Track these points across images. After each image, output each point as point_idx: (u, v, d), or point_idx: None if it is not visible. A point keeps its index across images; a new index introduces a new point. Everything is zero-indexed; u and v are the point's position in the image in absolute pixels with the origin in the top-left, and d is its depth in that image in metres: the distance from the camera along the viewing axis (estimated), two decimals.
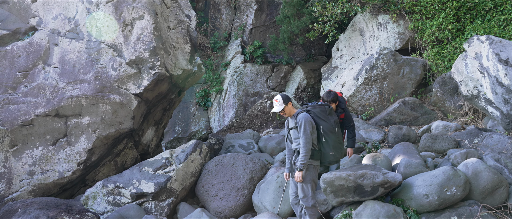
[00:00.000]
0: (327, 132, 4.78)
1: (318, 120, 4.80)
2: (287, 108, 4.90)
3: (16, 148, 6.56)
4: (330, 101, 5.50)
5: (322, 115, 4.84)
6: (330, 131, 4.79)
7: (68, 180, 6.62)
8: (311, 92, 12.27)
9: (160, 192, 6.23)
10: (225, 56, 13.02)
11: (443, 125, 7.39)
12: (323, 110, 4.87)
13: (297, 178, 4.72)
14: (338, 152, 4.86)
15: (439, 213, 4.84)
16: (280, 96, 4.94)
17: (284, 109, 4.91)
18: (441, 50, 9.20)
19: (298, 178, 4.71)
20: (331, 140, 4.78)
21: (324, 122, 4.80)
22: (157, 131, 8.45)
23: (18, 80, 6.90)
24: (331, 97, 5.53)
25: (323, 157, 4.82)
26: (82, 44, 7.02)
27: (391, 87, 9.03)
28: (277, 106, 4.91)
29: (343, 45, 11.36)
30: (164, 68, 6.96)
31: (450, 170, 4.85)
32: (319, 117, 4.81)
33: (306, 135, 4.66)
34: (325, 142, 4.77)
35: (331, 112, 4.93)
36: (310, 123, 4.71)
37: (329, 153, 4.79)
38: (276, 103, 4.93)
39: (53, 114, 6.66)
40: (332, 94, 5.57)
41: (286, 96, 4.96)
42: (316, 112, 4.84)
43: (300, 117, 4.74)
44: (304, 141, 4.66)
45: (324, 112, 4.87)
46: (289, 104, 4.90)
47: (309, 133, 4.67)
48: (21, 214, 5.14)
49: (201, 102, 12.60)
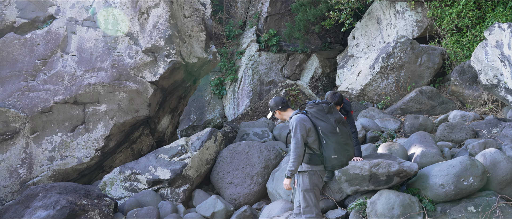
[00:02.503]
0: (326, 133, 4.26)
1: (316, 120, 4.31)
2: (278, 114, 4.52)
3: (36, 135, 6.72)
4: (335, 103, 5.08)
5: (320, 114, 4.32)
6: (330, 132, 4.26)
7: (86, 166, 6.77)
8: (326, 81, 12.19)
9: (175, 178, 6.32)
10: (240, 44, 13.01)
11: (461, 114, 7.28)
12: (320, 109, 4.34)
13: (284, 186, 4.33)
14: (342, 155, 4.29)
15: (456, 203, 4.79)
16: (270, 102, 4.58)
17: (273, 115, 4.58)
18: (460, 38, 9.01)
19: (285, 186, 4.31)
20: (332, 141, 4.26)
21: (323, 122, 4.29)
22: (173, 118, 8.53)
23: (37, 68, 7.03)
24: (336, 99, 5.13)
25: (325, 162, 4.32)
26: (99, 33, 7.09)
27: (408, 76, 8.90)
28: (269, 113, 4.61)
29: (359, 33, 11.21)
30: (179, 56, 6.99)
31: (467, 160, 4.79)
32: (316, 117, 4.31)
33: (296, 139, 4.20)
34: (325, 144, 4.27)
35: (330, 110, 4.38)
36: (303, 126, 4.23)
37: (331, 156, 4.26)
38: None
39: (72, 101, 6.78)
40: (337, 95, 5.17)
41: (276, 102, 4.53)
42: (313, 112, 4.34)
43: (291, 120, 4.32)
44: (293, 146, 4.21)
45: (322, 111, 4.33)
46: (278, 112, 4.50)
47: (300, 136, 4.20)
48: (42, 198, 5.29)
49: (216, 90, 12.65)
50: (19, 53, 7.09)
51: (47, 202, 5.20)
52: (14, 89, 6.85)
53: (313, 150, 4.31)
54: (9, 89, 6.85)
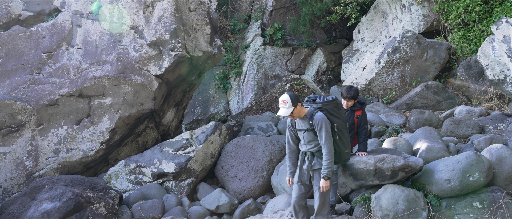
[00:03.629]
0: (341, 129, 4.36)
1: (332, 118, 4.34)
2: (296, 110, 4.33)
3: (42, 127, 6.76)
4: (350, 98, 4.98)
5: (335, 111, 4.37)
6: (343, 128, 4.39)
7: (91, 158, 6.80)
8: (331, 76, 12.15)
9: (180, 172, 6.34)
10: (244, 38, 12.97)
11: (466, 110, 7.23)
12: (335, 105, 4.39)
13: (324, 188, 4.24)
14: (349, 149, 4.53)
15: (461, 198, 4.77)
16: (289, 96, 4.30)
17: (293, 112, 4.31)
18: (467, 33, 8.93)
19: (325, 188, 4.24)
20: (344, 137, 4.40)
21: (338, 119, 4.37)
22: (178, 112, 8.55)
23: (43, 61, 7.05)
24: (352, 93, 4.99)
25: (338, 157, 4.42)
26: (104, 25, 7.09)
27: (413, 71, 8.85)
28: (285, 109, 4.29)
29: (365, 27, 11.15)
30: (184, 50, 6.99)
31: (473, 155, 4.77)
32: (332, 115, 4.35)
33: (330, 137, 4.22)
34: (339, 140, 4.35)
35: (341, 106, 4.51)
36: (328, 123, 4.27)
37: (344, 151, 4.41)
38: (283, 105, 4.31)
39: (77, 94, 6.81)
40: (353, 89, 5.05)
41: (295, 96, 4.37)
42: (329, 109, 4.35)
43: (318, 118, 4.24)
44: (329, 146, 4.21)
45: (336, 107, 4.40)
46: (299, 106, 4.33)
47: (331, 134, 4.26)
48: (48, 190, 5.33)
49: (220, 84, 12.64)
50: (24, 46, 7.11)
51: (53, 194, 5.24)
52: (20, 81, 6.88)
53: None
54: (15, 82, 6.88)
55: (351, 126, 5.00)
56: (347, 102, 5.00)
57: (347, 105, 5.01)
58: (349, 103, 5.01)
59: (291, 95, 4.33)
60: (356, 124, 5.03)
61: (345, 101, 5.00)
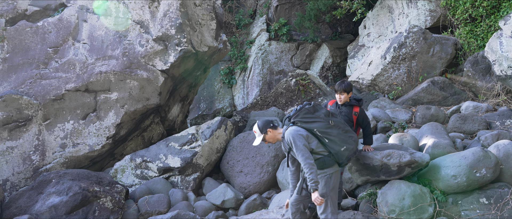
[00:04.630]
0: (324, 131, 4.13)
1: (308, 125, 4.13)
2: (269, 136, 4.24)
3: (49, 122, 6.80)
4: (342, 90, 4.84)
5: (308, 117, 4.15)
6: (326, 128, 4.13)
7: (97, 153, 6.84)
8: (337, 71, 12.10)
9: (186, 167, 6.36)
10: (250, 33, 12.95)
11: (473, 105, 7.18)
12: (305, 112, 4.16)
13: (316, 201, 4.03)
14: (349, 143, 4.20)
15: (467, 194, 4.75)
16: (257, 124, 4.26)
17: (264, 138, 4.24)
18: (474, 28, 8.85)
19: (318, 201, 4.03)
20: (333, 136, 4.13)
21: (315, 123, 4.13)
22: (183, 107, 8.56)
23: (49, 56, 7.08)
24: (343, 86, 4.85)
25: (338, 158, 4.18)
26: (110, 20, 7.10)
27: (419, 66, 8.79)
28: (257, 138, 4.26)
29: (371, 22, 11.08)
30: (190, 45, 6.99)
31: (480, 151, 4.74)
32: (306, 122, 4.13)
33: (301, 150, 4.00)
34: (329, 142, 4.12)
35: (315, 108, 4.22)
36: (299, 136, 4.04)
37: (340, 149, 4.13)
38: (255, 134, 4.29)
39: (83, 89, 6.83)
40: (345, 83, 4.89)
41: (264, 122, 4.25)
42: (300, 119, 4.15)
43: (287, 136, 4.10)
44: (301, 158, 4.01)
45: (308, 113, 4.16)
46: (270, 131, 4.21)
47: (303, 146, 4.01)
48: (55, 184, 5.37)
49: (225, 79, 12.64)
50: (31, 41, 7.14)
51: (60, 188, 5.28)
52: (27, 76, 6.91)
53: (320, 154, 4.15)
54: (21, 77, 6.92)
55: (350, 123, 4.87)
56: (340, 95, 4.86)
57: (341, 99, 4.87)
58: (341, 97, 4.85)
59: (259, 122, 4.26)
60: (354, 121, 4.92)
61: (338, 94, 4.87)
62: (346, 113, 4.89)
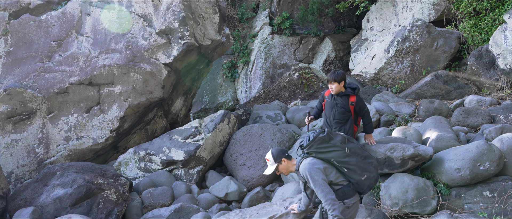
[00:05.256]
0: (342, 160, 3.82)
1: (324, 155, 3.84)
2: (282, 166, 3.99)
3: (53, 115, 6.82)
4: (333, 80, 4.65)
5: (323, 147, 3.84)
6: (344, 157, 3.83)
7: (101, 146, 6.86)
8: (340, 65, 12.08)
9: (189, 159, 6.38)
10: (252, 27, 12.92)
11: (477, 99, 7.17)
12: (320, 142, 3.85)
13: None
14: (370, 170, 3.89)
15: (471, 187, 4.76)
16: (271, 152, 4.01)
17: (278, 168, 4.00)
18: (478, 21, 8.81)
19: None
20: (352, 165, 3.83)
21: (331, 152, 3.83)
22: (186, 101, 8.57)
23: (52, 49, 7.09)
24: (334, 75, 4.65)
25: (359, 187, 3.89)
26: (113, 14, 7.10)
27: (423, 60, 8.77)
28: (269, 166, 4.02)
29: (374, 16, 11.04)
30: (193, 38, 6.98)
31: (484, 144, 4.74)
32: (322, 153, 3.84)
33: (320, 185, 3.71)
34: (348, 171, 3.83)
35: (330, 136, 3.89)
36: (317, 170, 3.76)
37: (361, 179, 3.83)
38: (267, 162, 4.05)
39: (87, 82, 6.85)
40: (336, 72, 4.66)
41: (279, 151, 4.00)
42: (314, 149, 3.86)
43: (302, 170, 3.83)
44: (322, 194, 3.70)
45: (323, 142, 3.84)
46: (284, 161, 3.97)
47: (321, 180, 3.71)
48: (60, 176, 5.40)
49: (228, 73, 12.64)
50: (34, 34, 7.14)
51: (64, 181, 5.31)
52: (31, 70, 6.93)
53: (340, 184, 3.85)
54: (25, 70, 6.93)
55: (347, 114, 4.76)
56: (331, 85, 4.72)
57: (332, 89, 4.72)
58: (332, 86, 4.71)
59: (274, 151, 4.01)
60: (352, 111, 4.78)
61: (329, 84, 4.72)
62: (342, 104, 4.75)
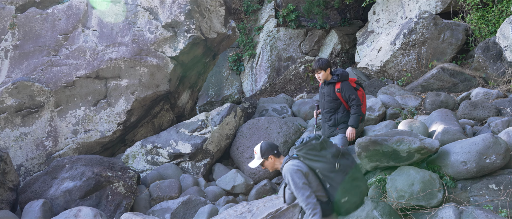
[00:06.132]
0: (327, 174, 3.57)
1: (311, 163, 3.60)
2: (268, 163, 3.76)
3: (61, 108, 6.89)
4: (318, 68, 4.52)
5: (313, 154, 3.61)
6: (330, 171, 3.58)
7: (109, 139, 6.93)
8: (346, 57, 12.05)
9: (196, 152, 6.43)
10: (258, 20, 12.89)
11: (483, 92, 7.14)
12: (311, 148, 3.61)
13: None
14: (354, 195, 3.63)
15: (477, 180, 4.76)
16: (260, 145, 3.78)
17: (263, 163, 3.76)
18: (485, 13, 8.74)
19: None
20: (336, 182, 3.56)
21: (319, 162, 3.59)
22: (192, 94, 8.61)
23: (59, 43, 7.13)
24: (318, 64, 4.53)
25: (336, 208, 3.60)
26: (119, 7, 7.12)
27: (429, 53, 8.73)
28: (255, 160, 3.80)
29: (380, 8, 10.97)
30: (199, 31, 6.99)
31: (490, 137, 4.73)
32: (310, 159, 3.61)
33: (301, 189, 3.45)
34: (330, 188, 3.56)
35: (323, 145, 3.66)
36: (298, 172, 3.51)
37: (341, 200, 3.56)
38: (255, 154, 3.85)
39: (94, 76, 6.89)
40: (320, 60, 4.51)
41: (268, 147, 3.76)
42: (303, 154, 3.63)
43: (284, 172, 3.59)
44: (301, 198, 3.45)
45: (313, 149, 3.61)
46: (271, 158, 3.73)
47: (303, 184, 3.47)
48: (69, 169, 5.47)
49: (233, 66, 12.65)
50: (41, 28, 7.19)
51: (73, 173, 5.39)
52: (38, 63, 6.98)
53: (319, 198, 3.56)
54: (33, 64, 6.99)
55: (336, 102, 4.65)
56: (317, 74, 4.64)
57: (320, 78, 4.65)
58: (319, 75, 4.62)
59: (263, 144, 3.79)
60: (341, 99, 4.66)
61: (316, 74, 4.65)
62: (328, 93, 4.65)
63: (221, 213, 4.82)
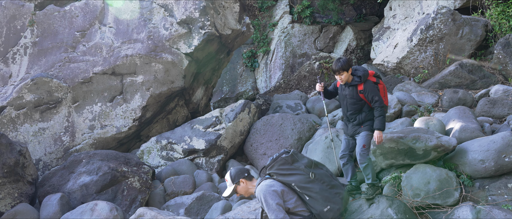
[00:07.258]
0: (303, 186, 3.50)
1: (285, 178, 3.53)
2: (240, 187, 3.66)
3: (78, 104, 7.00)
4: (338, 70, 4.29)
5: (284, 169, 3.54)
6: (306, 182, 3.50)
7: (124, 135, 7.02)
8: (361, 54, 11.93)
9: (210, 149, 6.46)
10: (272, 16, 12.85)
11: (503, 89, 6.98)
12: (282, 163, 3.56)
13: None
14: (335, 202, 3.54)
15: (495, 179, 4.67)
16: (229, 172, 3.72)
17: (236, 189, 3.66)
18: (506, 8, 8.53)
19: None
20: (315, 193, 3.49)
21: (293, 176, 3.52)
22: (207, 90, 8.64)
23: (76, 40, 7.24)
24: (339, 65, 4.29)
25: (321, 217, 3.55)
26: (134, 4, 7.18)
27: (447, 49, 8.57)
28: (228, 188, 3.71)
29: (397, 4, 10.81)
30: (214, 28, 7.01)
31: (510, 135, 4.63)
32: (283, 175, 3.54)
33: (274, 210, 3.35)
34: (310, 200, 3.49)
35: (294, 158, 3.61)
36: (273, 192, 3.43)
37: (323, 210, 3.49)
38: (226, 182, 3.77)
39: (110, 72, 6.98)
40: (341, 61, 4.30)
41: (238, 171, 3.68)
42: (275, 171, 3.56)
43: (256, 194, 3.51)
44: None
45: (285, 163, 3.56)
46: (243, 182, 3.64)
47: (276, 205, 3.37)
48: (86, 164, 5.56)
49: (248, 62, 12.65)
50: (59, 25, 7.31)
51: (90, 168, 5.47)
52: (56, 60, 7.11)
53: (299, 214, 3.52)
54: (51, 60, 7.12)
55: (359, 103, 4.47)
56: (339, 76, 4.42)
57: (342, 79, 4.44)
58: (341, 77, 4.41)
59: (233, 170, 3.70)
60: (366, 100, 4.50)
61: (336, 75, 4.44)
62: (351, 95, 4.47)
63: (235, 209, 4.84)
